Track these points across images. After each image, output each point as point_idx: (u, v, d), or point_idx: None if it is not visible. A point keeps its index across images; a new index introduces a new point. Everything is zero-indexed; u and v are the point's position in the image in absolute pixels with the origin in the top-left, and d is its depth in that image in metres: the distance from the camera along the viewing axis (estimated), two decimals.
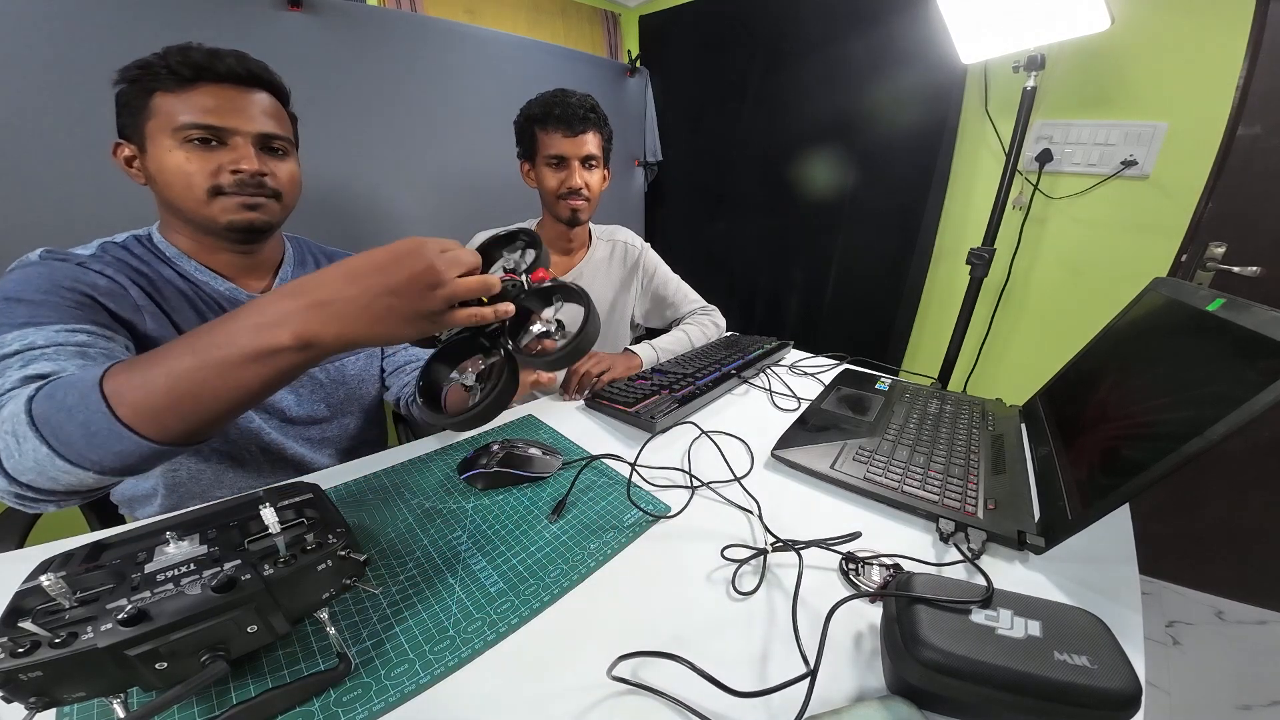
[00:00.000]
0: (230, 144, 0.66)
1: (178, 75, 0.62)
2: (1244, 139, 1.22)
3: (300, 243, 0.88)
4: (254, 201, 0.68)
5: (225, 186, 0.66)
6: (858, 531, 0.59)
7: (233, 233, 0.69)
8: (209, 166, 0.65)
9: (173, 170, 0.64)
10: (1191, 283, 1.06)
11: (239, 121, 0.66)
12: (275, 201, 0.71)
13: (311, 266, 0.85)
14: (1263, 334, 0.46)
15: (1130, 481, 0.47)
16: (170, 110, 0.63)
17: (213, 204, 0.66)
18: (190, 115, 0.63)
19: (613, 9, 2.39)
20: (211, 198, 0.66)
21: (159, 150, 0.64)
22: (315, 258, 0.88)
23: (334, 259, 0.87)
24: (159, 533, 0.41)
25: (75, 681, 0.32)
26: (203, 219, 0.67)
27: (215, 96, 0.64)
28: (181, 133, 0.63)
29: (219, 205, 0.66)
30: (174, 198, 0.66)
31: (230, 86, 0.66)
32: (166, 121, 0.63)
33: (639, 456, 0.74)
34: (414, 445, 0.78)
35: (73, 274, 0.60)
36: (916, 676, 0.38)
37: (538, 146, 1.06)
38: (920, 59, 1.61)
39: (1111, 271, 1.50)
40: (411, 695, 0.41)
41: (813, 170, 1.99)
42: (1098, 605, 0.43)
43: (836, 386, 0.97)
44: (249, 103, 0.67)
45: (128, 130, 0.65)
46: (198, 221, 0.68)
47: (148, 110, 0.63)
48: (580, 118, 1.03)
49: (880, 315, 1.95)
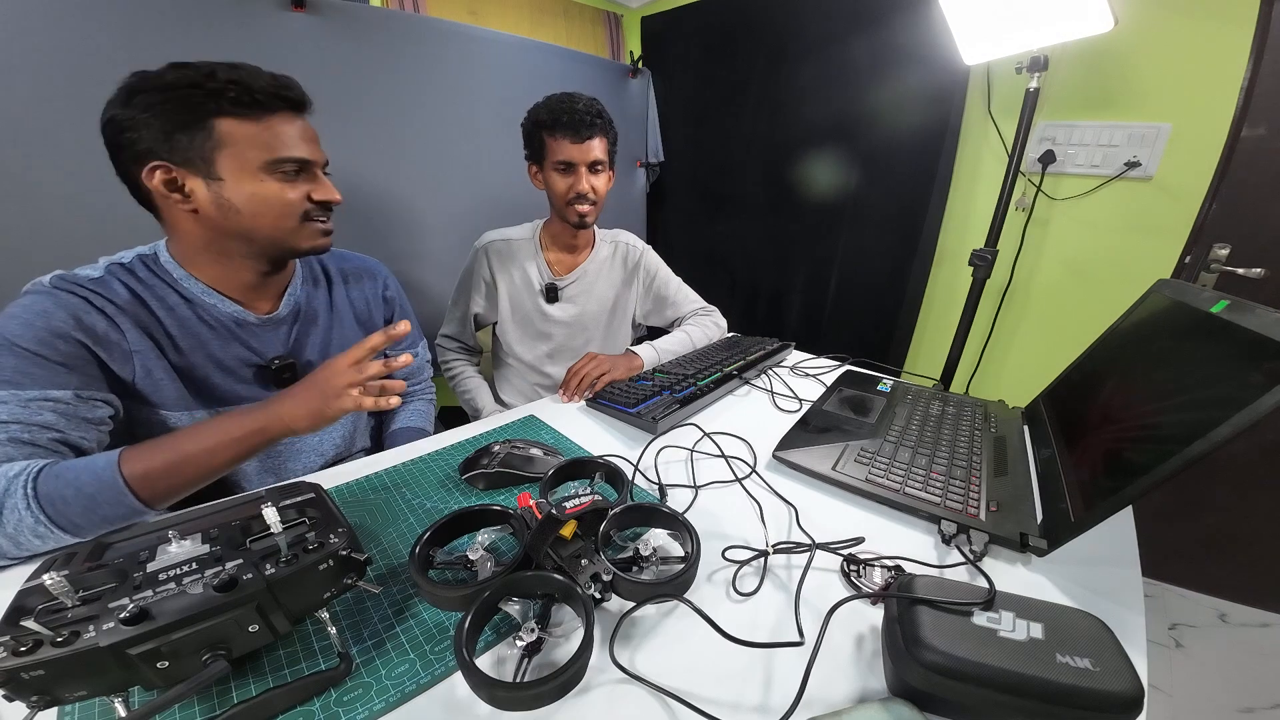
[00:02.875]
0: (312, 174, 0.69)
1: (254, 100, 0.62)
2: (1248, 140, 1.22)
3: (313, 257, 0.84)
4: (330, 227, 0.72)
5: (313, 214, 0.69)
6: (860, 536, 0.58)
7: (310, 253, 0.72)
8: (299, 194, 0.67)
9: (269, 200, 0.65)
10: (1195, 284, 1.06)
11: (313, 151, 0.68)
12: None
13: (320, 281, 0.84)
14: (1267, 336, 0.46)
15: (1133, 484, 0.47)
16: (252, 138, 0.62)
17: (301, 230, 0.69)
18: (282, 148, 0.64)
19: (615, 10, 2.39)
20: (302, 224, 0.69)
21: (242, 179, 0.63)
22: (322, 265, 0.86)
23: (341, 264, 0.88)
24: (161, 532, 0.41)
25: (77, 680, 0.32)
26: (288, 245, 0.69)
27: (297, 126, 0.66)
28: (276, 165, 0.64)
29: (306, 231, 0.69)
30: (261, 225, 0.66)
31: (298, 114, 0.68)
32: (249, 150, 0.62)
33: (641, 457, 0.74)
34: (414, 445, 0.78)
35: (73, 317, 0.59)
36: (918, 678, 0.38)
37: (546, 152, 1.07)
38: (922, 60, 1.61)
39: (1115, 273, 1.49)
40: (412, 695, 0.41)
41: (815, 171, 1.99)
42: (1100, 608, 0.43)
43: (838, 388, 0.97)
44: (311, 130, 0.69)
45: (170, 154, 0.60)
46: (276, 246, 0.69)
47: (212, 136, 0.60)
48: (588, 124, 1.03)
49: (882, 316, 1.95)
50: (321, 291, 0.84)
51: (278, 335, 0.77)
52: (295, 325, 0.79)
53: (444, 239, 1.67)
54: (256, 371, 0.74)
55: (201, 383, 0.70)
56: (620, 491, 0.63)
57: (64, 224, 1.07)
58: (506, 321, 1.23)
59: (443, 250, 1.67)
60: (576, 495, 0.54)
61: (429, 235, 1.67)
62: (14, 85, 0.99)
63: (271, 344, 0.76)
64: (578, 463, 0.67)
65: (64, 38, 1.02)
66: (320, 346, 0.82)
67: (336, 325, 0.84)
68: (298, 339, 0.79)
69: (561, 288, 1.19)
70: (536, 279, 1.19)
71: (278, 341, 0.77)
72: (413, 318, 0.97)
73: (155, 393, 0.66)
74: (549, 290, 1.18)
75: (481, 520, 0.55)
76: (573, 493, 0.54)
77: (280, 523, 0.40)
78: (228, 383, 0.72)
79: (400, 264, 1.63)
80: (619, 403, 0.86)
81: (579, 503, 0.52)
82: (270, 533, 0.40)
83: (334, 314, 0.84)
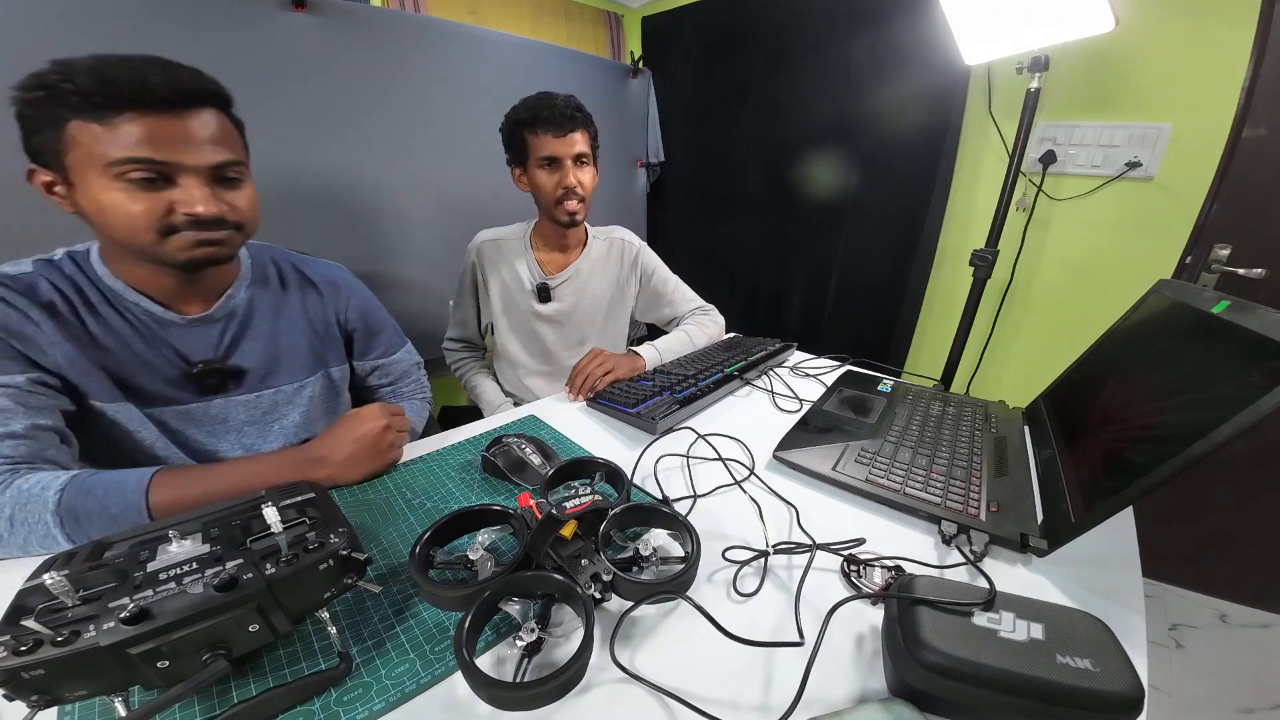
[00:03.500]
0: (180, 182, 0.58)
1: (93, 102, 0.53)
2: (1249, 141, 1.22)
3: (264, 253, 0.81)
4: (214, 237, 0.62)
5: (179, 225, 0.59)
6: (861, 537, 0.58)
7: (190, 268, 0.64)
8: (157, 207, 0.57)
9: (112, 210, 0.56)
10: (1196, 285, 1.06)
11: (184, 155, 0.57)
12: (237, 233, 0.65)
13: (273, 284, 0.79)
14: (1267, 336, 0.46)
15: (1134, 484, 0.47)
16: (95, 143, 0.54)
17: (166, 242, 0.60)
18: (123, 149, 0.54)
19: (615, 10, 2.39)
20: (164, 237, 0.59)
21: (90, 187, 0.56)
22: (280, 268, 0.81)
23: (303, 270, 0.83)
24: (161, 532, 0.41)
25: (77, 680, 0.32)
26: (156, 256, 0.61)
27: (149, 126, 0.55)
28: (115, 169, 0.55)
29: (173, 243, 0.60)
30: (118, 237, 0.59)
31: (165, 113, 0.56)
32: (93, 157, 0.54)
33: (641, 458, 0.74)
34: (414, 445, 0.78)
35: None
36: (918, 679, 0.38)
37: (528, 150, 1.07)
38: (923, 60, 1.61)
39: (1115, 273, 1.49)
40: (412, 695, 0.41)
41: (815, 171, 1.99)
42: (1100, 608, 0.43)
43: (838, 388, 0.97)
44: (191, 130, 0.58)
45: (42, 156, 0.56)
46: (148, 257, 0.62)
47: (63, 140, 0.54)
48: (568, 117, 1.04)
49: (883, 317, 1.95)
50: (271, 294, 0.78)
51: (207, 336, 0.72)
52: (229, 327, 0.73)
53: (443, 239, 1.67)
54: (184, 374, 0.70)
55: (128, 381, 0.67)
56: (620, 491, 0.63)
57: (64, 224, 1.07)
58: (500, 321, 1.23)
59: (440, 250, 1.67)
60: (576, 495, 0.54)
61: (428, 235, 1.67)
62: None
63: (199, 346, 0.71)
64: (578, 463, 0.67)
65: (64, 38, 1.02)
66: (260, 351, 0.76)
67: (285, 331, 0.79)
68: (232, 341, 0.74)
69: (553, 287, 1.19)
70: (528, 279, 1.19)
71: (207, 344, 0.72)
72: (389, 326, 0.95)
73: (86, 383, 0.64)
74: (540, 290, 1.18)
75: (481, 520, 0.55)
76: (573, 492, 0.54)
77: (280, 522, 0.40)
78: (155, 384, 0.68)
79: (396, 263, 1.64)
80: (619, 403, 0.86)
81: (579, 503, 0.52)
82: (270, 532, 0.40)
83: (281, 318, 0.79)
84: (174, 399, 0.70)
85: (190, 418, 0.72)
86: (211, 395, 0.73)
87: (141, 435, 0.69)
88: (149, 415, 0.69)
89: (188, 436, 0.73)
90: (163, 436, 0.70)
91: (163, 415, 0.70)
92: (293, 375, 0.80)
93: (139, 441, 0.69)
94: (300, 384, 0.81)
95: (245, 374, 0.75)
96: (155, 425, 0.69)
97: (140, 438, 0.69)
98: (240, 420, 0.76)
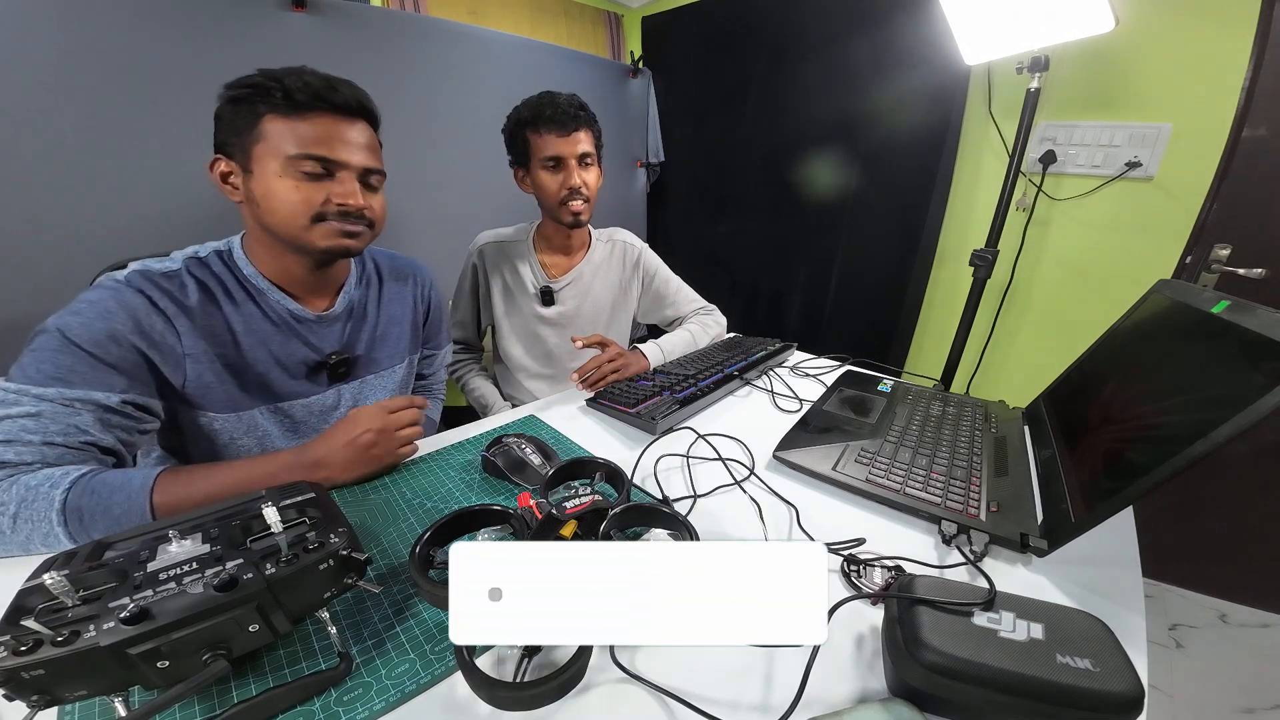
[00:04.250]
0: (337, 177, 0.67)
1: (292, 100, 0.63)
2: (1249, 141, 1.22)
3: (367, 257, 0.88)
4: (353, 229, 0.70)
5: (329, 214, 0.68)
6: (861, 537, 0.58)
7: (327, 255, 0.71)
8: (317, 197, 0.66)
9: (280, 197, 0.65)
10: (1196, 285, 1.06)
11: (347, 154, 0.67)
12: (370, 230, 0.73)
13: (372, 280, 0.86)
14: (1268, 336, 0.46)
15: (1134, 484, 0.47)
16: (282, 136, 0.63)
17: (313, 229, 0.68)
18: (304, 146, 0.64)
19: (615, 10, 2.39)
20: (313, 224, 0.67)
21: (265, 174, 0.64)
22: (376, 264, 0.88)
23: (393, 263, 0.90)
24: (161, 531, 0.41)
25: (77, 680, 0.32)
26: (301, 242, 0.68)
27: (327, 127, 0.66)
28: (294, 163, 0.64)
29: (319, 230, 0.68)
30: (275, 222, 0.67)
31: (342, 117, 0.67)
32: (277, 147, 0.63)
33: (641, 458, 0.74)
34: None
35: (132, 319, 0.61)
36: (918, 678, 0.38)
37: (531, 150, 1.05)
38: (923, 60, 1.61)
39: (1115, 273, 1.49)
40: (412, 695, 0.41)
41: (815, 171, 1.99)
42: (1100, 608, 0.43)
43: (838, 388, 0.97)
44: (355, 135, 0.69)
45: (229, 148, 0.66)
46: (294, 243, 0.69)
47: (256, 132, 0.64)
48: (571, 116, 1.02)
49: (883, 317, 1.95)
50: (373, 291, 0.86)
51: (333, 332, 0.79)
52: (349, 323, 0.82)
53: (442, 239, 1.67)
54: (311, 368, 0.77)
55: (258, 380, 0.72)
56: (620, 491, 0.63)
57: (64, 224, 1.07)
58: (501, 324, 1.22)
59: (440, 250, 1.67)
60: (576, 495, 0.54)
61: (428, 235, 1.67)
62: (15, 85, 0.99)
63: (327, 341, 0.79)
64: (578, 463, 0.67)
65: (65, 38, 1.02)
66: (367, 344, 0.84)
67: (383, 324, 0.87)
68: (350, 336, 0.82)
69: (557, 290, 1.18)
70: (531, 282, 1.18)
71: (333, 338, 0.79)
72: (447, 320, 1.04)
73: (203, 396, 0.68)
74: (544, 293, 1.17)
75: (482, 520, 0.55)
76: (573, 492, 0.54)
77: (280, 522, 0.40)
78: (283, 380, 0.75)
79: None
80: (619, 403, 0.86)
81: (579, 503, 0.52)
82: (270, 532, 0.40)
83: (381, 313, 0.87)
84: (297, 393, 0.77)
85: (310, 409, 0.79)
86: (340, 383, 0.81)
87: (243, 443, 0.73)
88: (277, 410, 0.75)
89: (309, 429, 0.79)
90: (283, 435, 0.76)
91: (291, 409, 0.76)
92: (390, 361, 0.88)
93: (240, 450, 0.73)
94: (393, 369, 0.89)
95: (358, 362, 0.83)
96: (280, 421, 0.76)
97: (241, 445, 0.73)
98: (347, 407, 0.82)
